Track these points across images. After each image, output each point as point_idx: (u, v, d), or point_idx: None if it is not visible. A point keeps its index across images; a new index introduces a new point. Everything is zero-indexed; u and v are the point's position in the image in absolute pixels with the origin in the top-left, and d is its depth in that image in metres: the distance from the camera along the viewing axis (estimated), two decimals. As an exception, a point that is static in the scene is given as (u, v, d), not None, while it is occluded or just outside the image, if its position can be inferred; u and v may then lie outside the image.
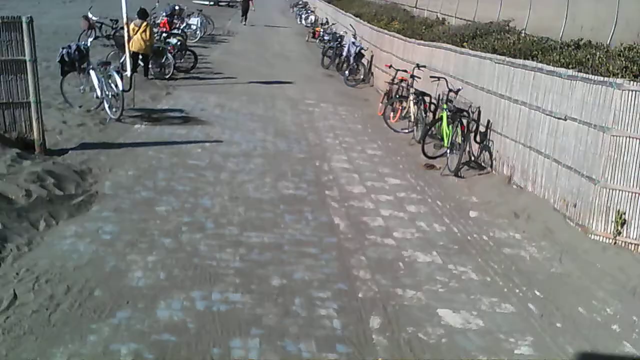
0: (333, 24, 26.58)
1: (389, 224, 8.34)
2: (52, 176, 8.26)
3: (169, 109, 13.80)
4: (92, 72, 12.66)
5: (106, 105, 12.38)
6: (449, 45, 13.80)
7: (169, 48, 18.14)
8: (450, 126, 11.28)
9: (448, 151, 11.21)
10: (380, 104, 15.86)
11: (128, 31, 16.33)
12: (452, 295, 6.48)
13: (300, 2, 45.17)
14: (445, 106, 11.78)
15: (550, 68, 9.44)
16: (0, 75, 9.65)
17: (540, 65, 9.77)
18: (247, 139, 11.98)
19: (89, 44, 12.86)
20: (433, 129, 12.43)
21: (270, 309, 5.80)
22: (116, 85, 12.13)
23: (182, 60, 18.76)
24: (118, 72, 12.29)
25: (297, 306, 5.91)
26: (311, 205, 8.79)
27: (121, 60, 17.33)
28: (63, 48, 12.51)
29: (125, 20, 16.29)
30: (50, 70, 15.28)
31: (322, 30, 27.47)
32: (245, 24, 35.11)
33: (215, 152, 10.84)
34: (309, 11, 37.64)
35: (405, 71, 15.10)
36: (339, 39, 22.20)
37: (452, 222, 8.64)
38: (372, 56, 19.66)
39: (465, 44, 13.69)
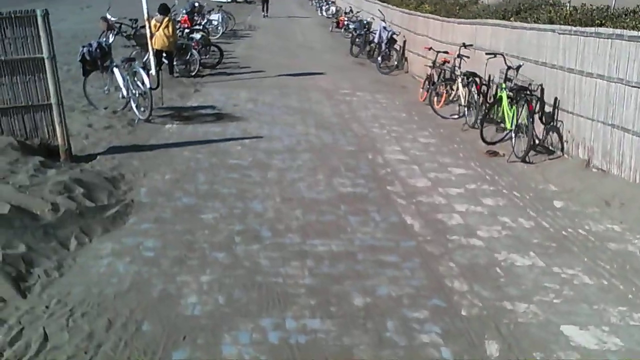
0: (358, 12, 25.24)
1: (469, 221, 7.08)
2: (81, 185, 7.10)
3: (200, 106, 12.62)
4: (115, 71, 11.53)
5: (133, 105, 11.22)
6: (497, 21, 12.48)
7: (193, 44, 16.97)
8: (513, 107, 9.98)
9: (513, 135, 9.92)
10: (421, 90, 14.58)
11: (150, 28, 15.17)
12: (571, 307, 5.21)
13: None
14: (503, 85, 10.48)
15: (634, 33, 8.10)
16: (17, 76, 8.51)
17: (619, 31, 8.42)
18: (288, 133, 10.76)
19: (110, 41, 11.65)
20: (491, 111, 11.11)
21: (360, 338, 4.59)
22: (143, 83, 10.98)
23: (207, 57, 17.58)
24: (144, 69, 11.09)
25: (391, 332, 4.69)
26: (375, 203, 7.55)
27: (144, 59, 16.18)
28: (83, 46, 11.39)
29: (146, 16, 15.14)
30: (72, 74, 14.21)
31: (346, 19, 26.15)
32: (266, 16, 35.00)
33: (257, 149, 9.64)
34: (329, 2, 36.27)
35: (446, 52, 13.83)
36: (367, 26, 20.86)
37: (538, 215, 7.35)
38: (404, 41, 18.34)
39: (511, 18, 12.40)
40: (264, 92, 14.45)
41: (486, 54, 11.30)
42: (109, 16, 20.62)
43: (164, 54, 15.76)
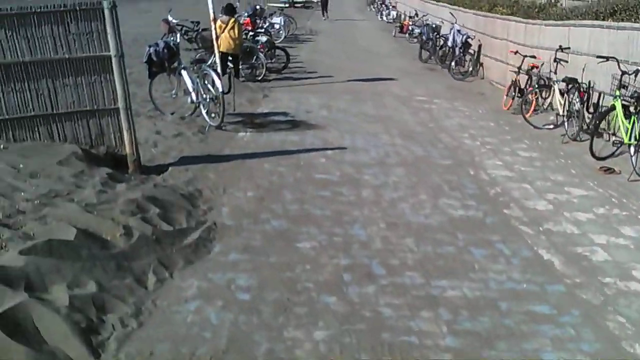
0: (424, 15, 23.83)
1: (617, 257, 5.73)
2: (156, 204, 5.96)
3: (272, 113, 11.47)
4: (184, 73, 10.44)
5: (203, 111, 10.12)
6: (597, 22, 11.02)
7: (259, 47, 15.84)
8: (632, 117, 8.53)
9: (632, 150, 8.48)
10: (505, 97, 13.18)
11: (215, 29, 14.08)
12: None
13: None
14: (618, 93, 9.03)
15: None
16: (82, 77, 7.44)
17: None
18: (372, 143, 9.52)
19: (178, 40, 10.56)
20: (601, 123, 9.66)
21: None
22: (214, 87, 9.83)
23: (272, 60, 16.42)
24: (215, 71, 9.96)
25: None
26: (496, 231, 6.23)
27: (209, 62, 15.15)
28: (150, 46, 10.32)
29: (212, 16, 14.05)
30: (134, 77, 13.13)
31: (410, 23, 24.76)
32: (325, 19, 34.50)
33: (343, 161, 8.41)
34: (390, 7, 34.81)
35: (534, 57, 12.42)
36: (437, 30, 19.45)
37: (698, 250, 5.92)
38: (479, 45, 16.90)
39: (609, 19, 10.98)
40: (335, 97, 13.23)
41: (597, 56, 9.83)
42: (170, 18, 19.67)
43: (230, 57, 14.68)
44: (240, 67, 14.95)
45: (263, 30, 20.18)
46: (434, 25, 19.76)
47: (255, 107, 11.93)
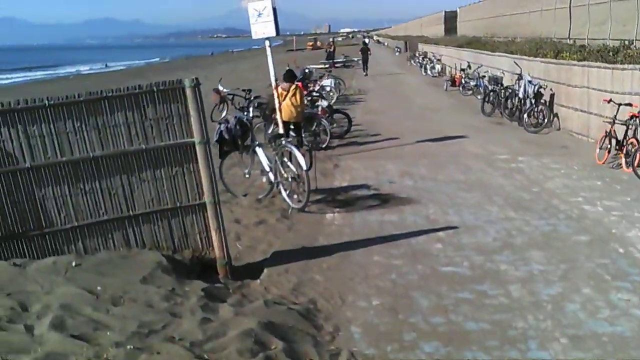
0: (478, 67, 22.50)
1: None
2: (275, 333, 4.53)
3: (352, 186, 10.10)
4: (259, 151, 9.21)
5: (284, 193, 8.80)
6: None
7: (319, 112, 14.60)
8: None
9: None
10: (598, 150, 11.65)
11: (278, 97, 12.92)
12: None
13: (419, 53, 41.39)
14: None
15: None
16: (161, 169, 6.15)
17: None
18: (484, 218, 8.05)
19: (251, 115, 9.30)
20: None
21: None
22: (298, 165, 8.48)
23: (334, 125, 15.14)
24: (297, 147, 8.64)
25: None
26: None
27: (269, 131, 13.98)
28: (220, 124, 9.15)
29: (273, 84, 12.92)
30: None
31: (463, 75, 23.43)
32: (366, 75, 34.38)
33: (463, 246, 6.96)
34: (434, 61, 33.55)
35: (630, 105, 10.96)
36: (498, 81, 18.04)
37: None
38: (552, 95, 15.43)
39: None
40: (412, 163, 11.84)
41: None
42: (221, 87, 18.76)
43: (292, 126, 13.45)
44: (302, 135, 13.70)
45: (317, 94, 19.09)
46: (494, 77, 18.35)
47: (330, 180, 10.57)
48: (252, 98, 18.45)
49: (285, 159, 8.74)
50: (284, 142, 8.74)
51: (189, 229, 6.27)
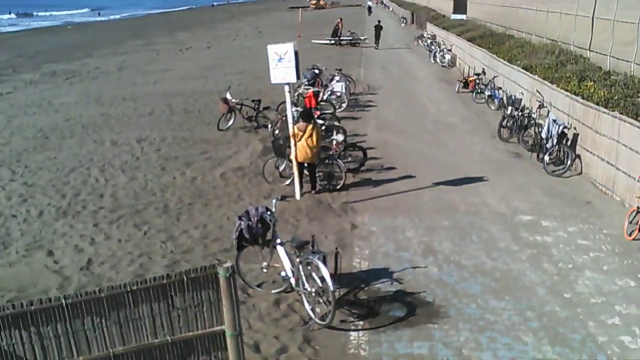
0: (494, 77, 21.46)
1: None
2: None
3: (372, 272, 9.55)
4: (280, 250, 8.59)
5: (306, 305, 8.19)
6: None
7: (333, 147, 13.87)
8: None
9: None
10: (627, 223, 11.09)
11: (293, 136, 12.31)
12: None
13: (428, 35, 39.77)
14: None
15: None
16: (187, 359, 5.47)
17: None
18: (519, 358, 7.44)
19: (274, 209, 8.61)
20: None
21: None
22: (322, 279, 7.84)
23: (348, 160, 14.40)
24: (323, 260, 7.96)
25: None
26: None
27: (280, 168, 13.36)
28: (240, 219, 8.47)
29: (291, 131, 12.24)
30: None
31: (477, 81, 22.42)
32: (377, 48, 38.38)
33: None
34: (445, 49, 32.07)
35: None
36: (516, 104, 17.14)
37: None
38: (575, 134, 14.69)
39: None
40: (432, 228, 11.32)
41: None
42: (229, 97, 17.86)
43: (306, 166, 12.86)
44: (316, 175, 13.10)
45: (326, 103, 18.28)
46: (512, 98, 17.45)
47: (349, 255, 10.10)
48: (261, 109, 17.64)
49: (310, 269, 8.08)
50: (310, 257, 8.03)
51: None
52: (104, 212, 12.29)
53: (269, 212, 8.48)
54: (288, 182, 13.22)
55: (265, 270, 8.89)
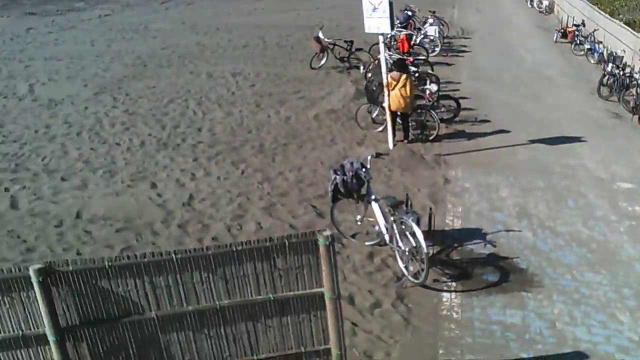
0: (595, 30, 20.17)
1: None
2: None
3: (465, 231, 9.37)
4: (375, 206, 8.56)
5: (400, 262, 8.18)
6: None
7: (427, 97, 13.53)
8: None
9: None
10: None
11: (386, 85, 12.10)
12: None
13: None
14: None
15: None
16: (288, 317, 5.65)
17: None
18: (614, 338, 7.23)
19: (369, 165, 8.56)
20: None
21: None
22: (416, 240, 7.77)
23: (441, 110, 14.05)
24: (417, 221, 7.87)
25: None
26: None
27: (374, 115, 13.22)
28: (336, 172, 8.46)
29: (385, 81, 12.02)
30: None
31: (576, 32, 21.17)
32: None
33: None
34: (541, -7, 30.23)
35: None
36: (618, 62, 16.11)
37: None
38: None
39: None
40: (527, 189, 10.95)
41: None
42: (321, 36, 17.64)
43: (399, 115, 12.66)
44: (409, 124, 12.90)
45: (419, 45, 17.79)
46: (614, 55, 16.41)
47: (442, 211, 9.92)
48: (353, 50, 17.38)
49: (405, 231, 8.03)
50: (403, 217, 7.96)
51: (314, 376, 5.87)
52: (202, 147, 12.53)
53: (364, 169, 8.41)
54: (381, 128, 13.05)
55: (359, 222, 8.91)
